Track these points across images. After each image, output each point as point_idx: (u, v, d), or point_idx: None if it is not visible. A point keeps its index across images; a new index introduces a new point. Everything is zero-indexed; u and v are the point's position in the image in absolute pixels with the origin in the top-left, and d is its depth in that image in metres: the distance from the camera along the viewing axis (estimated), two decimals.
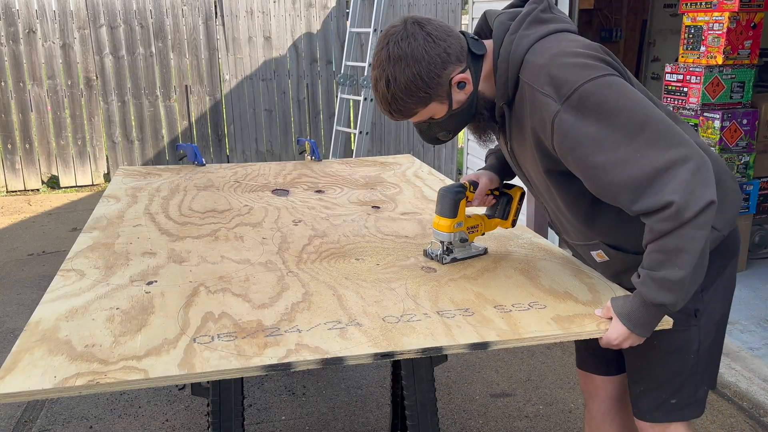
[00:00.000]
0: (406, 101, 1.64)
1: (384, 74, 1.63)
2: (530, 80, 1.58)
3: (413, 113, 1.69)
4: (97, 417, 3.12)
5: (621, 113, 1.46)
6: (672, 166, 1.42)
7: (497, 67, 1.65)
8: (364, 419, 3.09)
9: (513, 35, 1.64)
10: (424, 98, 1.64)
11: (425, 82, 1.61)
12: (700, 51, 4.14)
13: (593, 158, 1.49)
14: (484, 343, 1.49)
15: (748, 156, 4.26)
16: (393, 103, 1.66)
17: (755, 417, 3.04)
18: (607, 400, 2.13)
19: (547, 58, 1.55)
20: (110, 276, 1.88)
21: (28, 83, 7.26)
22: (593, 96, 1.48)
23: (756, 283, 4.37)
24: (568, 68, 1.52)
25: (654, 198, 1.43)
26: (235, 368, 1.36)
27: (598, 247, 1.80)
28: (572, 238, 1.90)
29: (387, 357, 1.44)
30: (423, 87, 1.62)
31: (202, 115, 7.80)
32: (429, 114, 1.70)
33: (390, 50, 1.62)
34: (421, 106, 1.66)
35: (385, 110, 1.71)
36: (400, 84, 1.61)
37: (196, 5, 7.54)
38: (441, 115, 1.70)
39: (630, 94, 1.49)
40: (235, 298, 1.72)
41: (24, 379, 1.31)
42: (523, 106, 1.64)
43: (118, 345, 1.46)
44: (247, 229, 2.32)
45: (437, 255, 1.99)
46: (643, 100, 1.49)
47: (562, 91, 1.51)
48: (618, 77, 1.53)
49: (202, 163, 3.37)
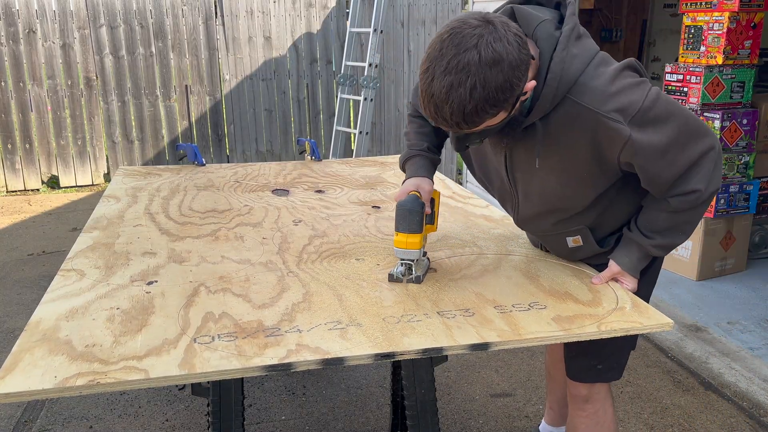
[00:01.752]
0: (487, 110, 1.48)
1: (470, 80, 1.44)
2: (596, 106, 1.60)
3: (482, 123, 1.54)
4: (97, 417, 3.12)
5: (668, 121, 1.63)
6: (700, 158, 1.69)
7: (546, 84, 1.59)
8: (364, 419, 3.09)
9: (564, 52, 1.60)
10: (504, 107, 1.51)
11: (512, 89, 1.49)
12: (700, 51, 4.14)
13: (653, 163, 1.66)
14: (484, 344, 1.49)
15: (748, 156, 4.26)
16: (471, 114, 1.48)
17: (755, 417, 3.04)
18: None
19: (605, 84, 1.60)
20: (110, 276, 1.88)
21: (28, 83, 7.26)
22: (650, 111, 1.61)
23: (756, 283, 4.38)
24: (627, 91, 1.60)
25: (684, 186, 1.70)
26: (235, 368, 1.36)
27: (578, 233, 1.90)
28: (545, 229, 1.96)
29: (388, 357, 1.44)
30: (509, 95, 1.49)
31: (202, 115, 7.80)
32: (491, 123, 1.56)
33: (482, 53, 1.44)
34: (496, 115, 1.53)
35: (452, 120, 1.50)
36: (490, 91, 1.45)
37: (196, 5, 7.54)
38: (497, 123, 1.58)
39: (667, 100, 1.65)
40: (235, 298, 1.72)
41: (24, 379, 1.31)
42: (564, 125, 1.65)
43: (118, 345, 1.46)
44: (248, 229, 2.32)
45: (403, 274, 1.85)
46: (674, 102, 1.67)
47: (627, 114, 1.59)
48: (650, 83, 1.66)
49: (202, 163, 3.37)
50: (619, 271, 1.85)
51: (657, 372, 3.44)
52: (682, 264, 4.48)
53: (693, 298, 4.17)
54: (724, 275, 4.48)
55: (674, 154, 1.66)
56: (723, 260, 4.45)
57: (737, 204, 4.29)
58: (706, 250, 4.35)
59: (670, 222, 1.78)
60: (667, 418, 3.04)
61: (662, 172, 1.68)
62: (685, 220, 1.78)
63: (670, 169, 1.68)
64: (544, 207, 1.87)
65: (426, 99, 1.50)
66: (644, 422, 3.02)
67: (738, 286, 4.33)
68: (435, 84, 1.46)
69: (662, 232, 1.80)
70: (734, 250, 4.47)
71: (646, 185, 1.75)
